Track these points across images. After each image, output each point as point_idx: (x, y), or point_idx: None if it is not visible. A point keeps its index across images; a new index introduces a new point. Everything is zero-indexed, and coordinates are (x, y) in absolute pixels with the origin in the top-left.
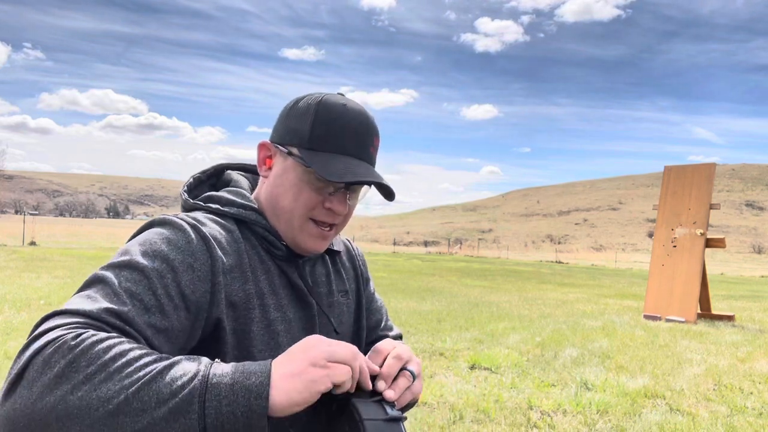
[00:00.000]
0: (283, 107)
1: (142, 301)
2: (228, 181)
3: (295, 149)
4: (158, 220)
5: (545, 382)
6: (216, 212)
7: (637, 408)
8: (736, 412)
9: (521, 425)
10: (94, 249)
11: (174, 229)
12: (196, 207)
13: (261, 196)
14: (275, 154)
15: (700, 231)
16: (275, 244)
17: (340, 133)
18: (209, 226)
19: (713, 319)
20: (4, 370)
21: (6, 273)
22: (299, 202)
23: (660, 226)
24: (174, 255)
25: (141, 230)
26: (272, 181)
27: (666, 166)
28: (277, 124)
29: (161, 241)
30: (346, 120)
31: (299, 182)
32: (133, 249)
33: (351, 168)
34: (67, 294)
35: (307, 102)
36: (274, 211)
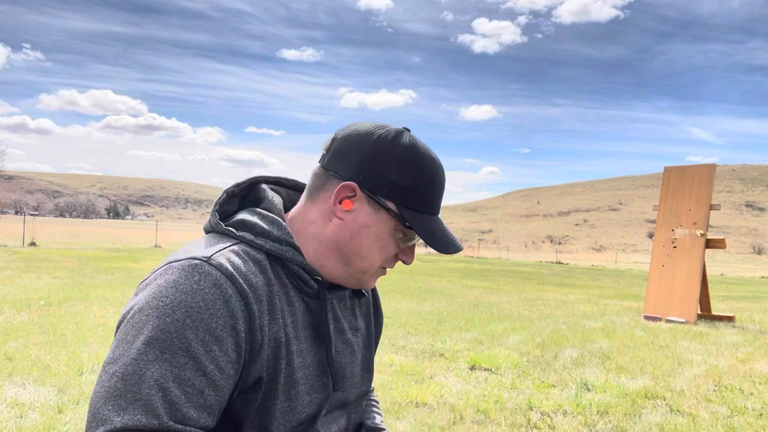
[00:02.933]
0: (354, 137)
1: (194, 387)
2: (261, 198)
3: (391, 204)
4: (188, 266)
5: (545, 382)
6: (250, 244)
7: (638, 409)
8: (737, 413)
9: (521, 426)
10: (95, 249)
11: (209, 284)
12: (226, 233)
13: (324, 233)
14: (360, 200)
15: (700, 232)
16: (308, 282)
17: (437, 194)
18: (243, 270)
19: (713, 319)
20: (4, 371)
21: (6, 273)
22: (382, 254)
23: (660, 226)
24: (215, 322)
25: (168, 269)
26: (352, 227)
27: (666, 167)
28: (362, 165)
29: (199, 306)
30: (440, 178)
31: (388, 237)
32: (170, 318)
33: (446, 234)
34: (68, 294)
35: (403, 150)
36: (344, 255)
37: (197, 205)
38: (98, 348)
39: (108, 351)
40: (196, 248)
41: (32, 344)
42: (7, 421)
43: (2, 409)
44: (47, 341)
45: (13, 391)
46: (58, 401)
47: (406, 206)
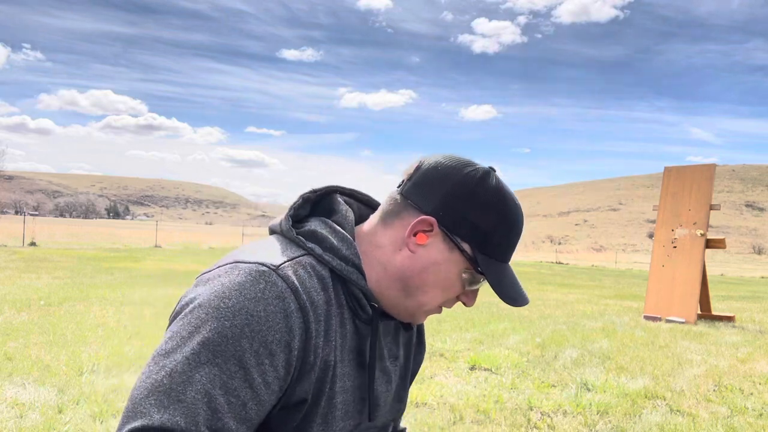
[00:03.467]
0: (439, 171)
1: (238, 398)
2: (334, 210)
3: (467, 246)
4: (256, 271)
5: (545, 382)
6: (317, 258)
7: (638, 409)
8: (737, 413)
9: (521, 426)
10: (95, 249)
11: (273, 295)
12: (296, 241)
13: (392, 261)
14: (435, 236)
15: (700, 232)
16: (364, 306)
17: (513, 243)
18: (308, 285)
19: (713, 319)
20: (4, 371)
21: (6, 273)
22: (445, 294)
23: (660, 226)
24: (272, 335)
25: (234, 269)
26: (422, 262)
27: (666, 167)
28: (444, 202)
29: (259, 315)
30: (520, 227)
31: (455, 277)
32: (229, 323)
33: (515, 284)
34: (68, 294)
35: (489, 193)
36: (407, 287)
37: (197, 205)
38: (98, 348)
39: (161, 339)
40: (264, 252)
41: (32, 344)
42: (7, 421)
43: (2, 409)
44: (47, 341)
45: (13, 391)
46: (58, 401)
47: (481, 250)
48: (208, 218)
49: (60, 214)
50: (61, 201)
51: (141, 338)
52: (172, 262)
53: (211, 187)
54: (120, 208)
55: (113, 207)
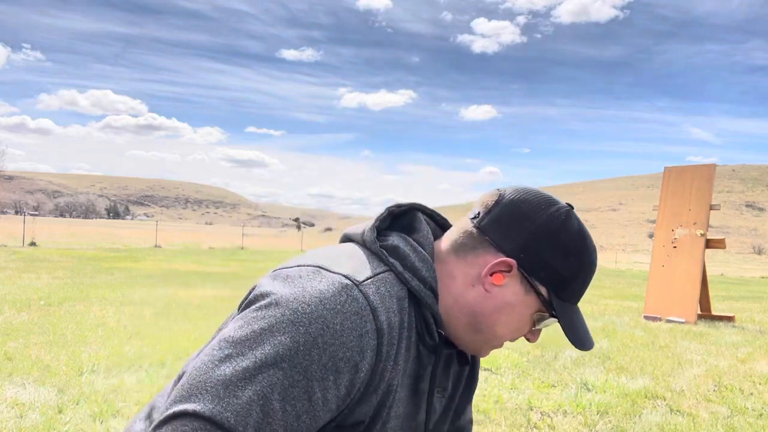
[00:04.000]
0: (522, 210)
1: (294, 407)
2: (415, 228)
3: (543, 290)
4: (339, 282)
5: (545, 382)
6: (397, 274)
7: (638, 409)
8: (737, 413)
9: (521, 426)
10: (95, 249)
11: (352, 311)
12: (379, 254)
13: (464, 296)
14: (513, 277)
15: (700, 232)
16: (432, 332)
17: (587, 286)
18: (387, 305)
19: (713, 319)
20: (4, 371)
21: (6, 273)
22: (515, 333)
23: (660, 226)
24: (343, 353)
25: (317, 274)
26: (496, 302)
27: (666, 167)
28: (526, 244)
29: (335, 329)
30: (595, 270)
31: (527, 318)
32: (304, 329)
33: (585, 328)
34: (68, 294)
35: (571, 237)
36: (477, 324)
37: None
38: (98, 348)
39: (231, 322)
40: (347, 262)
41: (32, 344)
42: (7, 421)
43: (2, 409)
44: (47, 341)
45: (13, 391)
46: (58, 401)
47: (557, 294)
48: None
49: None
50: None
51: (141, 338)
52: (172, 262)
53: (211, 187)
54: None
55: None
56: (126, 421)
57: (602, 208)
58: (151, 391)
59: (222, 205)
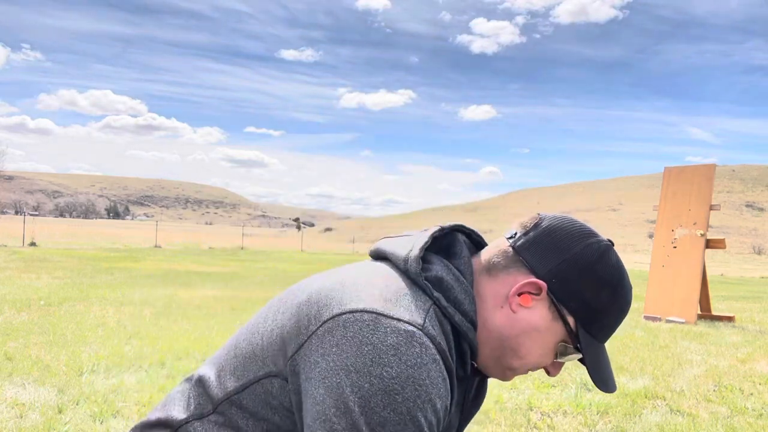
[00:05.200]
0: (561, 236)
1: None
2: (456, 252)
3: (571, 320)
4: (405, 332)
5: (545, 383)
6: (441, 309)
7: (638, 409)
8: (737, 413)
9: (521, 426)
10: (95, 249)
11: (430, 359)
12: (424, 288)
13: (492, 317)
14: (542, 301)
15: (700, 232)
16: (466, 365)
17: (617, 325)
18: (445, 343)
19: (713, 319)
20: (4, 371)
21: (6, 273)
22: (538, 362)
23: (660, 226)
24: (440, 402)
25: (377, 326)
26: (522, 324)
27: (666, 167)
28: (559, 269)
29: (426, 383)
30: (628, 310)
31: (552, 347)
32: (401, 397)
33: (609, 370)
34: (68, 294)
35: (607, 270)
36: (503, 347)
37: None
38: (98, 348)
39: (311, 408)
40: (395, 299)
41: (32, 344)
42: (7, 421)
43: (2, 409)
44: (47, 341)
45: (13, 391)
46: (58, 401)
47: (585, 327)
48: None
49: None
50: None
51: (141, 338)
52: (172, 262)
53: (211, 187)
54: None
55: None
56: (126, 421)
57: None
58: (151, 391)
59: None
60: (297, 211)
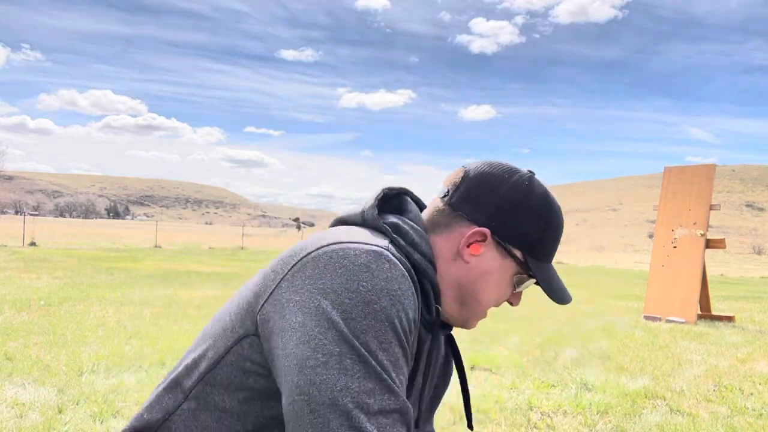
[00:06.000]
0: (487, 181)
1: (406, 379)
2: (406, 209)
3: (518, 253)
4: (373, 251)
5: (545, 382)
6: (400, 248)
7: (638, 409)
8: (737, 413)
9: (521, 426)
10: (95, 249)
11: (399, 273)
12: (383, 230)
13: (447, 272)
14: (488, 245)
15: (700, 232)
16: (430, 306)
17: (558, 244)
18: (410, 268)
19: (713, 319)
20: (4, 371)
21: (6, 273)
22: (498, 299)
23: (660, 226)
24: (412, 314)
25: (345, 251)
26: (476, 272)
27: (666, 167)
28: (496, 212)
29: (398, 293)
30: (562, 228)
31: (507, 282)
32: (378, 306)
33: (561, 284)
34: (68, 294)
35: (537, 200)
36: (461, 296)
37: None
38: (98, 348)
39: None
40: (359, 236)
41: (32, 344)
42: (7, 421)
43: (2, 409)
44: (47, 341)
45: (13, 391)
46: (58, 401)
47: (531, 255)
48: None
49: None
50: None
51: (141, 338)
52: (172, 262)
53: (211, 187)
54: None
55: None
56: (126, 421)
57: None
58: (151, 392)
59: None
60: (297, 211)
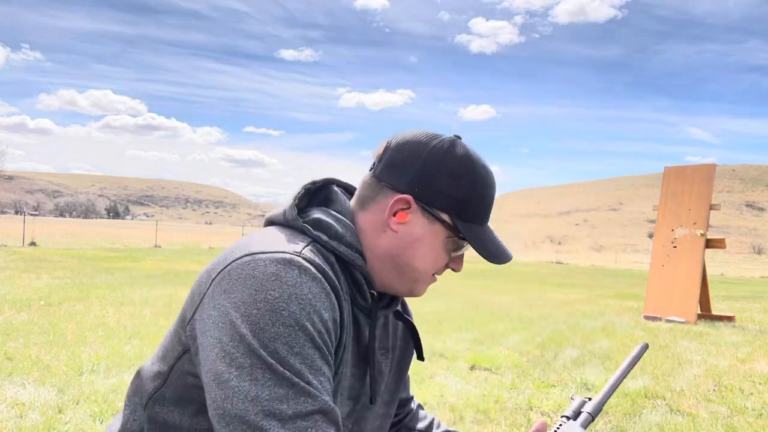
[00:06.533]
0: (407, 148)
1: (327, 379)
2: (332, 199)
3: (445, 216)
4: (282, 259)
5: (545, 382)
6: (323, 245)
7: (637, 408)
8: (736, 413)
9: (521, 426)
10: (95, 249)
11: (309, 277)
12: (303, 230)
13: (377, 244)
14: (414, 212)
15: (700, 231)
16: (364, 294)
17: (489, 205)
18: (326, 268)
19: (713, 319)
20: (4, 371)
21: (6, 273)
22: (434, 265)
23: (660, 226)
24: (328, 315)
25: (254, 262)
26: (406, 239)
27: (666, 167)
28: (417, 177)
29: (308, 298)
30: (493, 189)
31: (440, 247)
32: (287, 312)
33: (497, 244)
34: (68, 294)
35: (458, 161)
36: (397, 265)
37: (197, 205)
38: (98, 348)
39: (209, 352)
40: (274, 241)
41: (32, 344)
42: (7, 421)
43: (2, 409)
44: (47, 341)
45: (13, 391)
46: (58, 401)
47: (459, 217)
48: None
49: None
50: (61, 201)
51: (141, 338)
52: (172, 262)
53: (211, 187)
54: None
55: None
56: None
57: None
58: None
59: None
60: None
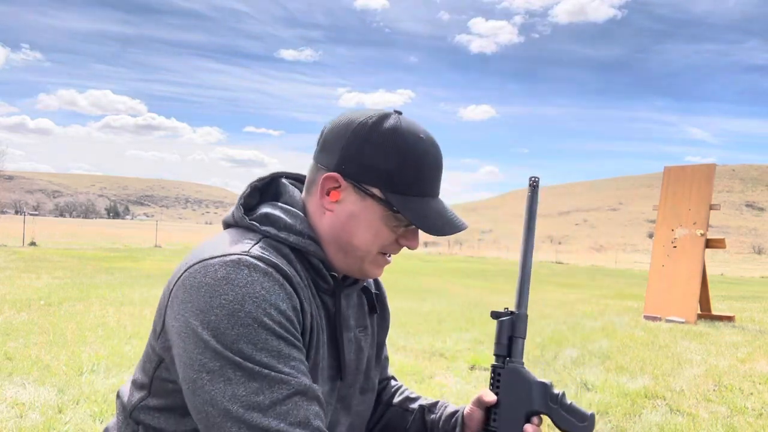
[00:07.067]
0: (337, 127)
1: (300, 361)
2: (281, 192)
3: (376, 191)
4: (230, 261)
5: None
6: (273, 238)
7: (637, 409)
8: (736, 413)
9: None
10: (95, 249)
11: (260, 274)
12: (251, 227)
13: (320, 227)
14: (345, 189)
15: (700, 231)
16: (325, 277)
17: (427, 176)
18: (276, 261)
19: (713, 319)
20: (4, 371)
21: (6, 273)
22: (377, 241)
23: (660, 226)
24: (287, 305)
25: (206, 268)
26: (342, 218)
27: (666, 167)
28: (344, 154)
29: (262, 294)
30: (429, 159)
31: (379, 223)
32: (243, 312)
33: (443, 215)
34: (68, 294)
35: (383, 134)
36: (340, 246)
37: (197, 205)
38: (98, 348)
39: (182, 356)
40: (224, 244)
41: (32, 344)
42: (7, 421)
43: (2, 409)
44: (47, 341)
45: (13, 391)
46: (58, 401)
47: (393, 191)
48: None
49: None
50: (61, 201)
51: (141, 338)
52: (172, 262)
53: (211, 187)
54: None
55: (113, 207)
56: None
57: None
58: None
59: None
60: None
